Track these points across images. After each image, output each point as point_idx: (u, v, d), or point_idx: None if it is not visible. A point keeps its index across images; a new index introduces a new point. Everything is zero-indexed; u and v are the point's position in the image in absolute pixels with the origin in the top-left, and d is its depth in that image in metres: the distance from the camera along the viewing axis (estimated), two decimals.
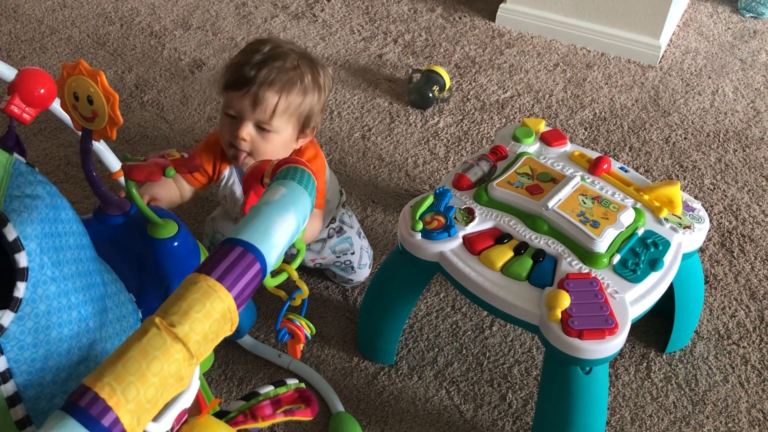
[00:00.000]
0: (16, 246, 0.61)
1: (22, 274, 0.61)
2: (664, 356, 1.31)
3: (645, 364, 1.29)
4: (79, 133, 0.87)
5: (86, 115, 0.82)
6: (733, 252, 1.50)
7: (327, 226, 1.34)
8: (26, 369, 0.63)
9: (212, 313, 0.49)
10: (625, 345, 1.21)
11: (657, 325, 1.32)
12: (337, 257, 1.35)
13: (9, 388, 0.63)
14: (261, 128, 1.15)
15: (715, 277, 1.45)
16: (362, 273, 1.39)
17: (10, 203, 0.65)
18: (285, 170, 0.63)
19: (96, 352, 0.70)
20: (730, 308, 1.39)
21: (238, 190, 1.25)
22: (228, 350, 1.29)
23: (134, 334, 0.47)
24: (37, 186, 0.69)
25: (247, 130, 1.15)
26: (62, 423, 0.45)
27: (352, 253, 1.36)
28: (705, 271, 1.44)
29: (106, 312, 0.74)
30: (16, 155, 0.73)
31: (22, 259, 0.61)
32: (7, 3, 2.24)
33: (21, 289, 0.61)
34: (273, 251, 0.55)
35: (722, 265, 1.47)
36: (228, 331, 0.51)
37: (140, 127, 1.78)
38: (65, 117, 1.17)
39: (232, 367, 1.27)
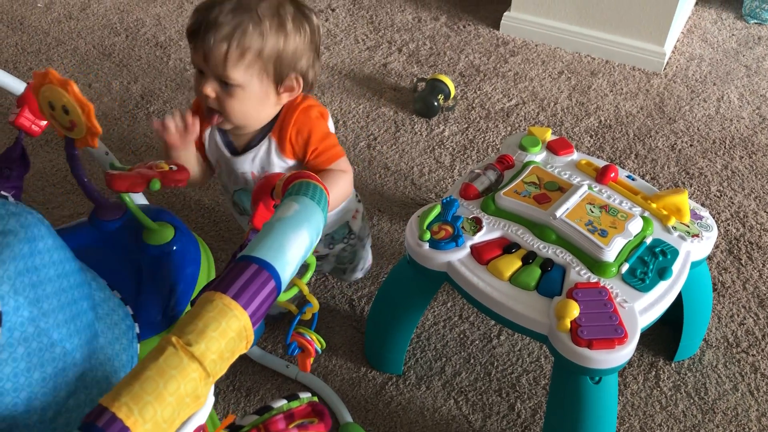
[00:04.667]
0: None
1: None
2: (673, 365, 1.30)
3: (654, 373, 1.29)
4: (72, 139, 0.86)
5: (65, 124, 0.81)
6: (741, 259, 1.49)
7: (343, 240, 1.29)
8: (8, 414, 0.60)
9: (228, 332, 0.49)
10: (633, 354, 1.20)
11: (665, 333, 1.32)
12: (338, 263, 1.37)
13: None
14: (224, 83, 1.00)
15: (723, 284, 1.44)
16: (356, 276, 1.41)
17: None
18: (297, 185, 0.63)
19: (86, 383, 0.67)
20: (738, 316, 1.39)
21: (226, 150, 1.12)
22: (236, 361, 1.28)
23: (151, 353, 0.47)
24: (10, 220, 0.66)
25: (210, 86, 1.00)
26: None
27: (350, 262, 1.38)
28: (713, 278, 1.44)
29: (97, 338, 0.72)
30: None
31: None
32: (13, 15, 2.25)
33: None
34: (287, 268, 0.55)
35: (730, 272, 1.47)
36: (243, 349, 0.51)
37: (146, 138, 1.79)
38: None
39: (240, 378, 1.27)
